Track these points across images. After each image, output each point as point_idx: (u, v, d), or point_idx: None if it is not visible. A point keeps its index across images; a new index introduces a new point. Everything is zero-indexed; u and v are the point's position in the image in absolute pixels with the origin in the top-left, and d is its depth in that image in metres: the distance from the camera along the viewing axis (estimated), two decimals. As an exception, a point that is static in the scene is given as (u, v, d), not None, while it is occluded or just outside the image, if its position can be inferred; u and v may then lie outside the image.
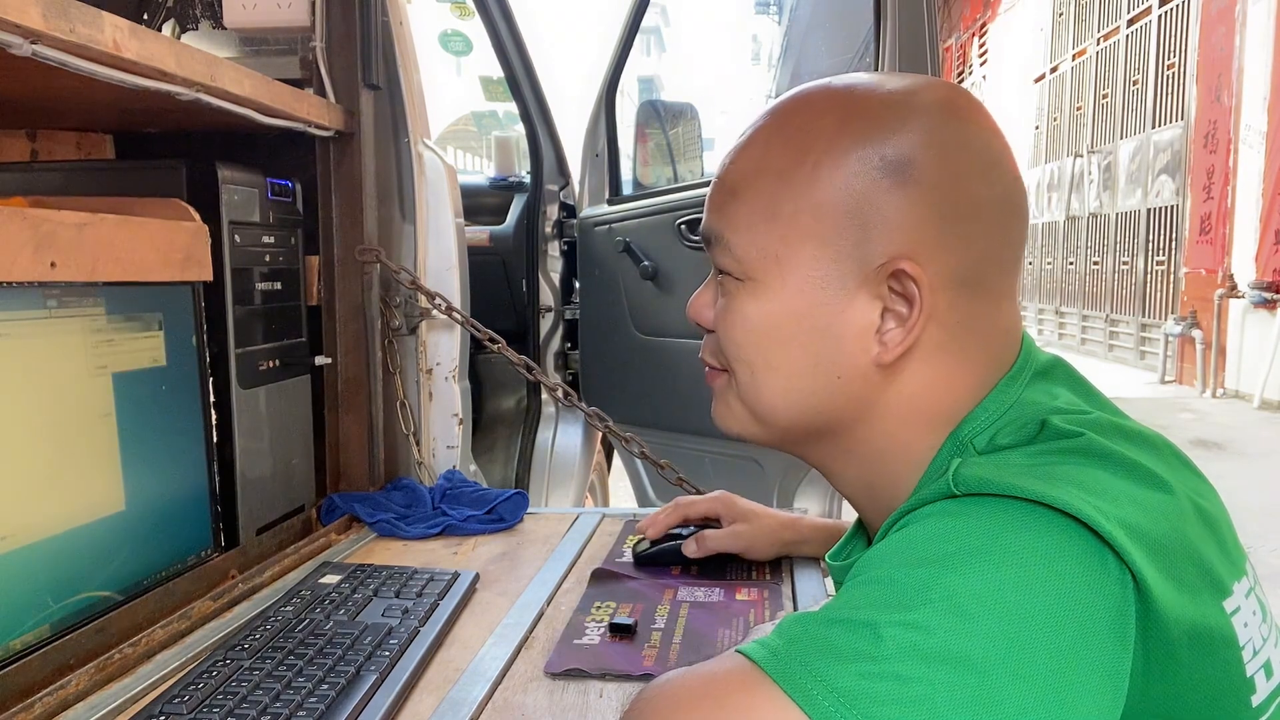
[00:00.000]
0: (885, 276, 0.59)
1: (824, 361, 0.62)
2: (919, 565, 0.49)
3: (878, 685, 0.45)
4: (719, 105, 29.85)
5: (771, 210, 0.61)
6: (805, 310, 0.61)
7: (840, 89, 0.63)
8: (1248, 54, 6.88)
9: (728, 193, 0.64)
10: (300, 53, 1.33)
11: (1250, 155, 6.88)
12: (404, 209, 1.42)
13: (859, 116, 0.60)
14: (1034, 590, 0.47)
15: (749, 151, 0.64)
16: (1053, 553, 0.48)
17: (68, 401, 0.84)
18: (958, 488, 0.53)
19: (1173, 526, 0.52)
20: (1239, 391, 7.01)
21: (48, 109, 1.12)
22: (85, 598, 0.86)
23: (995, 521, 0.50)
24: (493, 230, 2.30)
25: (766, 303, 0.62)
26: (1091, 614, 0.47)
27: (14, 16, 0.73)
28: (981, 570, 0.48)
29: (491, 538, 1.26)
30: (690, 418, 1.95)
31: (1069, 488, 0.50)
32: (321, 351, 1.31)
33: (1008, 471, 0.52)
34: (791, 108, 0.64)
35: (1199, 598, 0.51)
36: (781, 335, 0.62)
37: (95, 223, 0.86)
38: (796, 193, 0.60)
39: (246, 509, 1.12)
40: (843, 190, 0.59)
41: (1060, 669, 0.46)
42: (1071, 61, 10.41)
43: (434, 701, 0.79)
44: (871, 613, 0.48)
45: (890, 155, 0.59)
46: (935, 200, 0.59)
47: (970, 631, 0.46)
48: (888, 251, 0.59)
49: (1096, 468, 0.53)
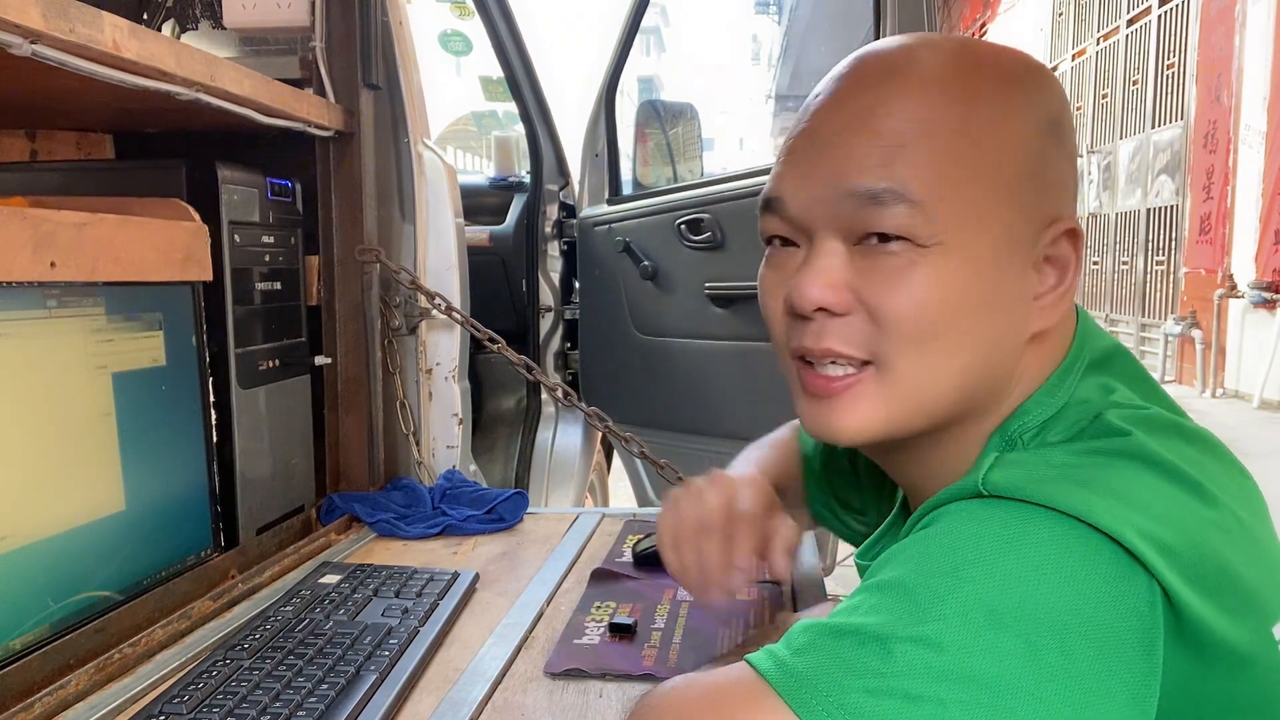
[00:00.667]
0: (1054, 238, 0.57)
1: (999, 333, 0.57)
2: (934, 575, 0.47)
3: (886, 703, 0.44)
4: (719, 105, 29.86)
5: (957, 165, 0.55)
6: (994, 277, 0.56)
7: (970, 43, 0.60)
8: (1247, 54, 6.88)
9: (894, 146, 0.55)
10: (300, 53, 1.33)
11: (1250, 155, 6.88)
12: (404, 209, 1.42)
13: (1012, 72, 0.58)
14: (1053, 607, 0.45)
15: (902, 104, 0.56)
16: (1076, 568, 0.46)
17: (68, 401, 0.84)
18: (986, 489, 0.50)
19: (1212, 546, 0.49)
20: (1239, 391, 7.00)
21: (47, 109, 1.12)
22: (85, 598, 0.86)
23: (1019, 531, 0.48)
24: (492, 230, 2.30)
25: (957, 270, 0.55)
26: (1113, 633, 0.45)
27: (14, 16, 0.73)
28: (999, 583, 0.46)
29: (491, 537, 1.26)
30: (690, 417, 1.95)
31: (1103, 498, 0.47)
32: (321, 351, 1.31)
33: (1042, 475, 0.50)
34: (933, 59, 0.57)
35: (1243, 620, 0.49)
36: (973, 307, 0.55)
37: (95, 222, 0.86)
38: (981, 148, 0.55)
39: (246, 509, 1.12)
40: (1022, 148, 0.56)
41: (1077, 689, 0.44)
42: (1071, 61, 10.41)
43: (434, 701, 0.79)
44: (882, 625, 0.46)
45: (1051, 114, 0.58)
46: (1074, 161, 0.59)
47: (984, 649, 0.44)
48: (1054, 212, 0.57)
49: (1141, 472, 0.50)
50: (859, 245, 0.56)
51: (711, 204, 1.88)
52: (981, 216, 0.55)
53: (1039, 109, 0.57)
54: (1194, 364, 7.42)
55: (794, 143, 0.60)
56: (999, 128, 0.56)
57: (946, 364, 0.56)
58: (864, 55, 0.59)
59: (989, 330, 0.56)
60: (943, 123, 0.55)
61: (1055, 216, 0.58)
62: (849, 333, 0.57)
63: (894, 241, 0.55)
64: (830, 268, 0.57)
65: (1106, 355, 0.61)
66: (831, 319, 0.57)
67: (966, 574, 0.47)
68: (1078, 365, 0.59)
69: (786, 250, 0.60)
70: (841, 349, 0.57)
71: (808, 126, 0.59)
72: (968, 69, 0.57)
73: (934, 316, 0.55)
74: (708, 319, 1.90)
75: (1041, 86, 0.58)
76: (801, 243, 0.59)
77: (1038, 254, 0.57)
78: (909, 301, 0.55)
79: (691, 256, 1.92)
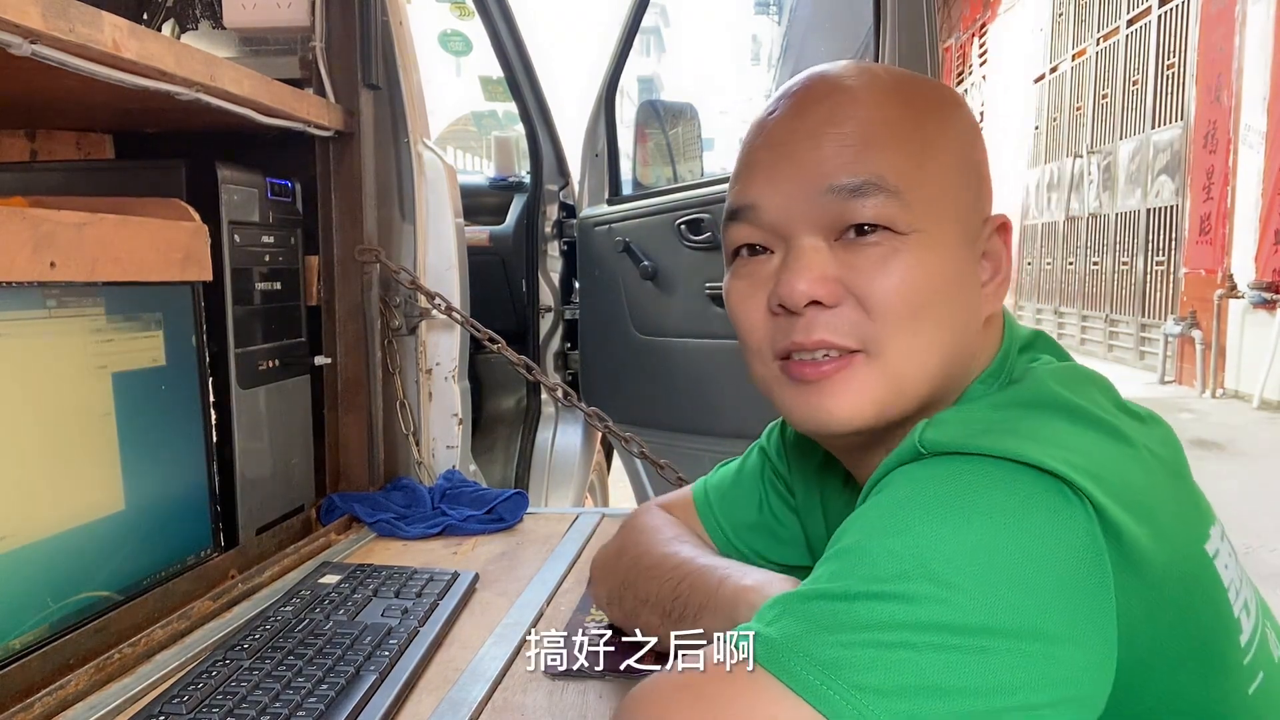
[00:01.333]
0: (990, 233, 0.64)
1: (966, 315, 0.62)
2: (889, 534, 0.49)
3: (860, 654, 0.45)
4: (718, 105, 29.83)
5: (918, 162, 0.60)
6: (958, 263, 0.61)
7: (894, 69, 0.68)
8: (1247, 54, 6.88)
9: (863, 144, 0.60)
10: (300, 53, 1.33)
11: (1250, 155, 6.88)
12: (404, 209, 1.42)
13: (941, 90, 0.66)
14: (1006, 548, 0.47)
15: (863, 110, 0.61)
16: (1020, 508, 0.48)
17: (67, 401, 0.84)
18: (925, 447, 0.53)
19: (1138, 476, 0.52)
20: (1238, 391, 7.00)
21: (47, 109, 1.12)
22: (85, 597, 0.86)
23: (962, 481, 0.50)
24: (492, 230, 2.30)
25: (932, 255, 0.59)
26: (1066, 565, 0.48)
27: (13, 16, 0.73)
28: (952, 533, 0.48)
29: (491, 538, 1.26)
30: (690, 417, 1.95)
31: (1032, 441, 0.50)
32: (321, 351, 1.31)
33: (972, 428, 0.53)
34: (879, 76, 0.64)
35: (1176, 542, 0.52)
36: (947, 289, 0.60)
37: (95, 222, 0.86)
38: (933, 149, 0.61)
39: (246, 509, 1.12)
40: (961, 151, 0.63)
41: (1042, 622, 0.46)
42: (1071, 62, 10.41)
43: (433, 701, 0.79)
44: (847, 586, 0.48)
45: (973, 125, 0.65)
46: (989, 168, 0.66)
47: (947, 597, 0.46)
48: (987, 210, 0.65)
49: (1060, 418, 0.54)
50: (839, 240, 0.60)
51: (711, 204, 1.88)
52: (942, 208, 0.60)
53: (965, 120, 0.65)
54: (1194, 364, 7.42)
55: (756, 155, 0.64)
56: (943, 131, 0.62)
57: (929, 344, 0.60)
58: (812, 74, 0.65)
59: (959, 312, 0.62)
60: (900, 124, 0.61)
61: (987, 214, 0.65)
62: (838, 323, 0.60)
63: (874, 232, 0.59)
64: (816, 262, 0.60)
65: (1031, 338, 0.67)
66: (822, 312, 0.60)
67: (918, 529, 0.49)
68: (1013, 348, 0.65)
69: (757, 258, 0.64)
70: (833, 339, 0.60)
71: (768, 139, 0.63)
72: (909, 85, 0.64)
73: (920, 299, 0.59)
74: (708, 319, 1.90)
75: (961, 102, 0.67)
76: (776, 247, 0.63)
77: (980, 247, 0.64)
78: (897, 285, 0.59)
79: (691, 256, 1.92)
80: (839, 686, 0.44)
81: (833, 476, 0.78)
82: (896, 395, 0.61)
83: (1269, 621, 0.61)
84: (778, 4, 20.77)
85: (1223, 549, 0.57)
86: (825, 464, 0.79)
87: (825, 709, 0.44)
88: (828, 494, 0.79)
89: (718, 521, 0.86)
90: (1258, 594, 0.61)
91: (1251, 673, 0.56)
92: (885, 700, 0.44)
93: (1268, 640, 0.59)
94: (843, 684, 0.44)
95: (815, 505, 0.81)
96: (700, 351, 1.94)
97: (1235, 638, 0.55)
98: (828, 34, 2.86)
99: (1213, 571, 0.55)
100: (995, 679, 0.45)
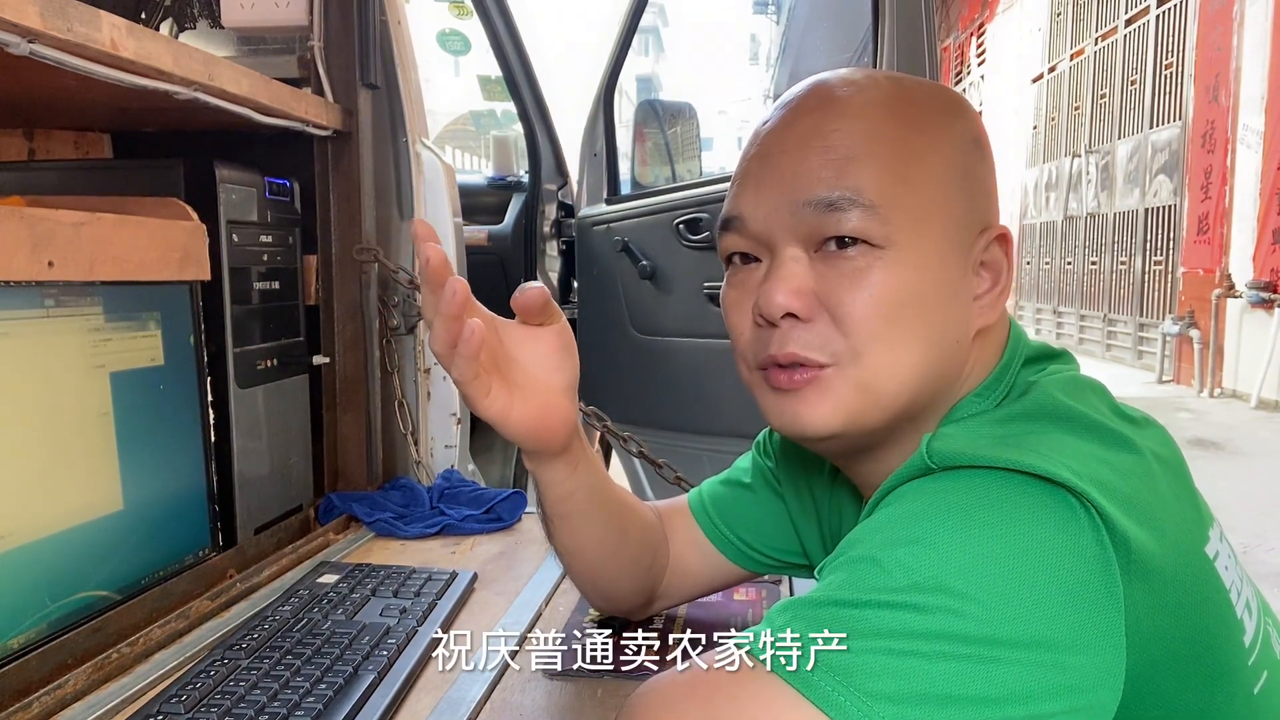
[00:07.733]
0: (988, 244, 0.63)
1: (948, 328, 0.62)
2: (900, 545, 0.50)
3: (872, 660, 0.45)
4: (717, 105, 29.84)
5: (901, 176, 0.60)
6: (942, 276, 0.61)
7: (902, 77, 0.67)
8: (1245, 54, 6.89)
9: (844, 158, 0.60)
10: (298, 52, 1.33)
11: (1248, 155, 6.89)
12: (402, 208, 1.42)
13: (939, 99, 0.65)
14: (1016, 558, 0.48)
15: (849, 123, 0.61)
16: (1030, 519, 0.49)
17: (65, 401, 0.84)
18: (933, 460, 0.53)
19: (1143, 482, 0.53)
20: (1236, 391, 7.01)
21: (45, 108, 1.12)
22: (83, 597, 0.86)
23: (972, 494, 0.51)
24: (491, 230, 2.30)
25: (910, 269, 0.60)
26: (1076, 574, 0.48)
27: (11, 15, 0.73)
28: (963, 544, 0.48)
29: (489, 537, 1.26)
30: (689, 417, 1.95)
31: (1038, 452, 0.51)
32: (319, 351, 1.31)
33: (979, 441, 0.53)
34: (873, 87, 0.64)
35: (1179, 547, 0.53)
36: (925, 303, 0.61)
37: (93, 222, 0.86)
38: (920, 162, 0.61)
39: (244, 508, 1.12)
40: (954, 163, 0.63)
41: (1052, 631, 0.46)
42: (1069, 61, 10.42)
43: (432, 701, 0.79)
44: (858, 594, 0.48)
45: (973, 134, 0.64)
46: (994, 175, 0.66)
47: (959, 607, 0.46)
48: (985, 220, 0.64)
49: (1064, 430, 0.54)
50: (819, 252, 0.61)
51: (710, 203, 1.88)
52: (926, 221, 0.61)
53: (964, 129, 0.64)
54: (1192, 364, 7.43)
55: (748, 165, 0.65)
56: (934, 144, 0.62)
57: (904, 356, 0.61)
58: (810, 84, 0.65)
59: (938, 325, 0.61)
60: (885, 139, 0.61)
61: (986, 224, 0.64)
62: (810, 338, 0.61)
63: (851, 246, 0.60)
64: (794, 274, 0.61)
65: (1040, 351, 0.66)
66: (795, 326, 0.61)
67: (930, 541, 0.49)
68: (1015, 362, 0.65)
69: (748, 267, 0.65)
70: (804, 354, 0.61)
71: (760, 150, 0.64)
72: (903, 96, 0.64)
73: (891, 312, 0.60)
74: (706, 318, 1.90)
75: (964, 111, 0.66)
76: (763, 256, 0.64)
77: (975, 258, 0.63)
78: (868, 299, 0.60)
79: (690, 256, 1.92)
80: (850, 693, 0.44)
81: (818, 473, 0.80)
82: (870, 406, 0.61)
83: (1270, 620, 0.62)
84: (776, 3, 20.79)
85: (1222, 550, 0.57)
86: (812, 460, 0.80)
87: (837, 715, 0.44)
88: (815, 488, 0.82)
89: (711, 518, 0.88)
90: (1258, 593, 0.62)
91: (1256, 673, 0.56)
92: (897, 707, 0.44)
93: (1270, 639, 0.59)
94: (854, 690, 0.44)
95: (806, 501, 0.83)
96: (699, 351, 1.94)
97: (1239, 639, 0.55)
98: (826, 34, 2.86)
99: (1214, 574, 0.55)
100: (1007, 688, 0.45)
